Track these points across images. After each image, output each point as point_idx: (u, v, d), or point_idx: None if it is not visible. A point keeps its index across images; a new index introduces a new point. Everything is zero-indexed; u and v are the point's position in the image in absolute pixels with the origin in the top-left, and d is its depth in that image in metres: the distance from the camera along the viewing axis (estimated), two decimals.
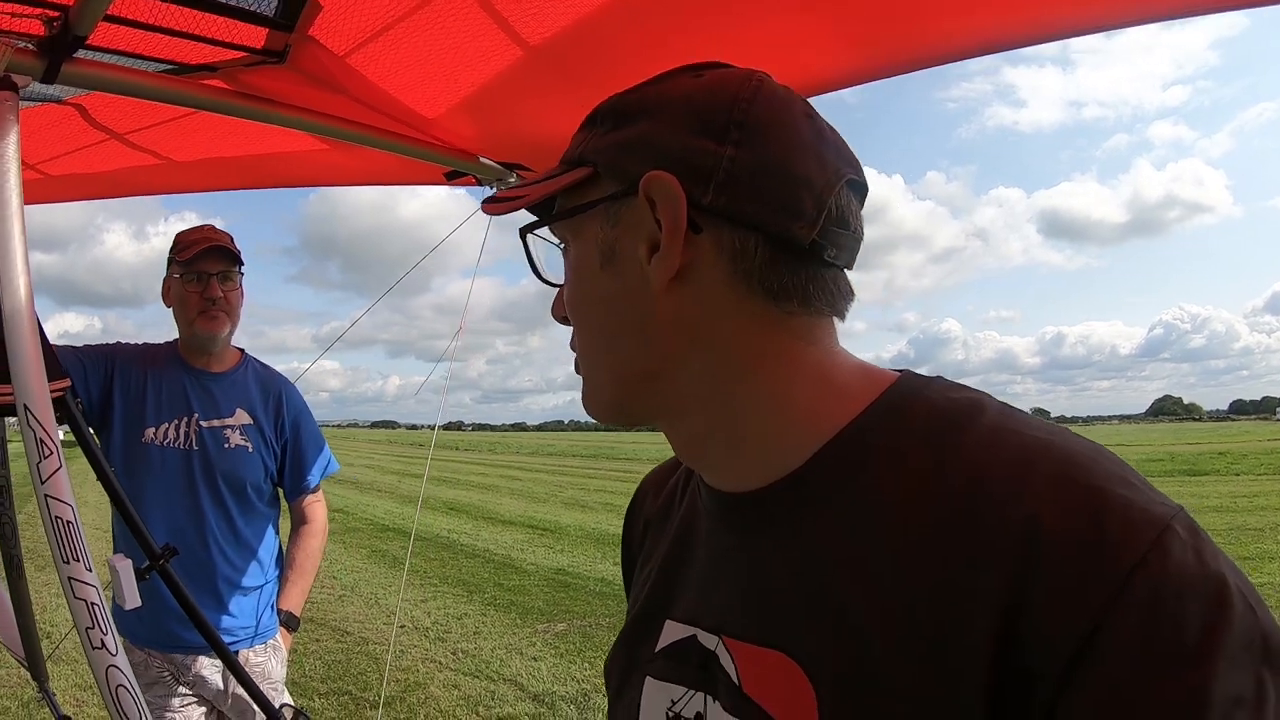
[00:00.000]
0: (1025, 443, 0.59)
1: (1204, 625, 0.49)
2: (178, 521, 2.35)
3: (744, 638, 0.68)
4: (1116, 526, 0.52)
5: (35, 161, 2.58)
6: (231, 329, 2.51)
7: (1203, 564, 0.51)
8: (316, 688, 5.37)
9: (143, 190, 3.02)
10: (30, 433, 1.34)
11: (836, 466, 0.66)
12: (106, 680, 1.36)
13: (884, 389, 0.68)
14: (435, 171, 2.49)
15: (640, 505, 0.95)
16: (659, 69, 1.47)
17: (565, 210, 0.74)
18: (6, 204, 1.36)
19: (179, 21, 1.57)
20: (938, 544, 0.57)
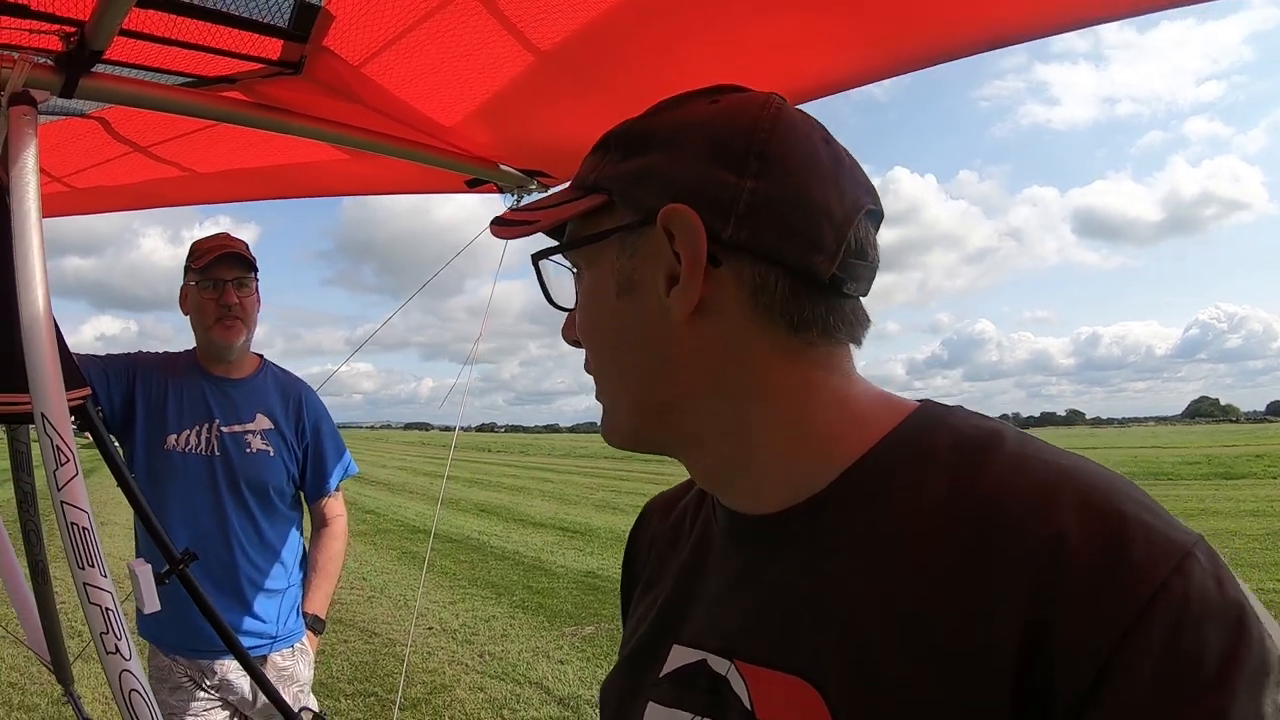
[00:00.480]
0: (1048, 469, 0.59)
1: (1224, 651, 0.50)
2: (202, 526, 2.38)
3: (759, 661, 0.67)
4: (1139, 551, 0.53)
5: (61, 174, 2.63)
6: (248, 336, 2.54)
7: (1222, 591, 0.52)
8: (343, 689, 5.41)
9: (167, 202, 3.07)
10: (47, 440, 1.36)
11: (856, 492, 0.66)
12: (120, 685, 1.38)
13: (904, 417, 0.69)
14: (456, 180, 2.51)
15: (646, 526, 0.95)
16: (669, 70, 1.47)
17: (580, 238, 0.74)
18: (26, 216, 1.38)
19: (194, 35, 1.59)
20: (957, 569, 0.58)
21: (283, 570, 2.55)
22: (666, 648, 0.76)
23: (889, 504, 0.64)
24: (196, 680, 2.41)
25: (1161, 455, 33.77)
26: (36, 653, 2.76)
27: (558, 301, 0.80)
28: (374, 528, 13.33)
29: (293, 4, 1.54)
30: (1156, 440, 62.39)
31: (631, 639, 0.83)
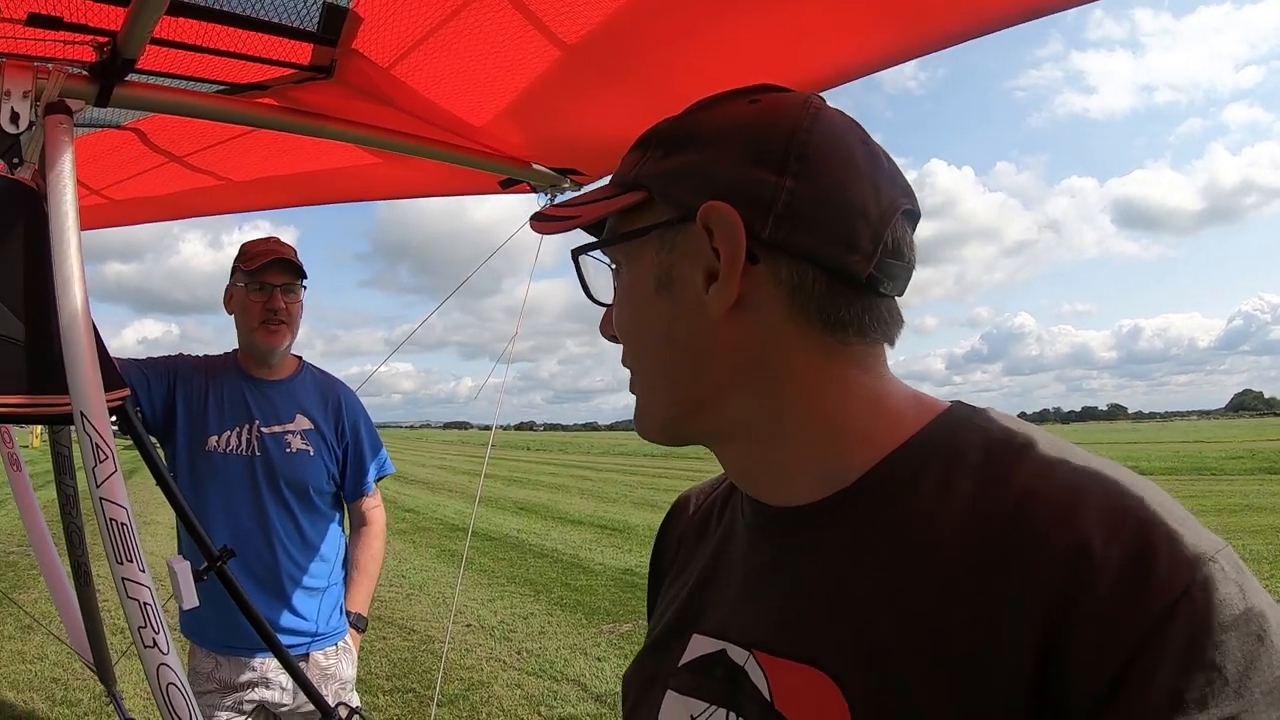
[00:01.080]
0: (1075, 474, 0.60)
1: (1244, 660, 0.50)
2: (243, 526, 2.43)
3: (778, 652, 0.67)
4: (1163, 559, 0.53)
5: (100, 187, 2.68)
6: (291, 340, 2.58)
7: (1245, 599, 0.53)
8: (381, 685, 5.47)
9: (204, 211, 3.12)
10: (86, 438, 1.39)
11: (884, 487, 0.67)
12: (158, 678, 1.40)
13: (934, 416, 0.70)
14: (490, 180, 2.52)
15: (676, 520, 0.96)
16: (694, 61, 1.46)
17: (620, 234, 0.75)
18: (64, 221, 1.42)
19: (225, 41, 1.62)
20: (982, 568, 0.58)
21: (324, 568, 2.58)
22: (687, 637, 0.77)
23: (915, 502, 0.64)
24: (231, 685, 2.45)
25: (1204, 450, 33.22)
26: (79, 653, 2.82)
27: (597, 297, 0.81)
28: (413, 526, 13.44)
29: (321, 7, 1.56)
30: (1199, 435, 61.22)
31: (655, 629, 0.84)
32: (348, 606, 2.65)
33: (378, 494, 2.80)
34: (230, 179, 2.65)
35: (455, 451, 48.69)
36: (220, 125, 2.13)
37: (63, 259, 1.41)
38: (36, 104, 1.42)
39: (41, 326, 1.41)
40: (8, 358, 1.38)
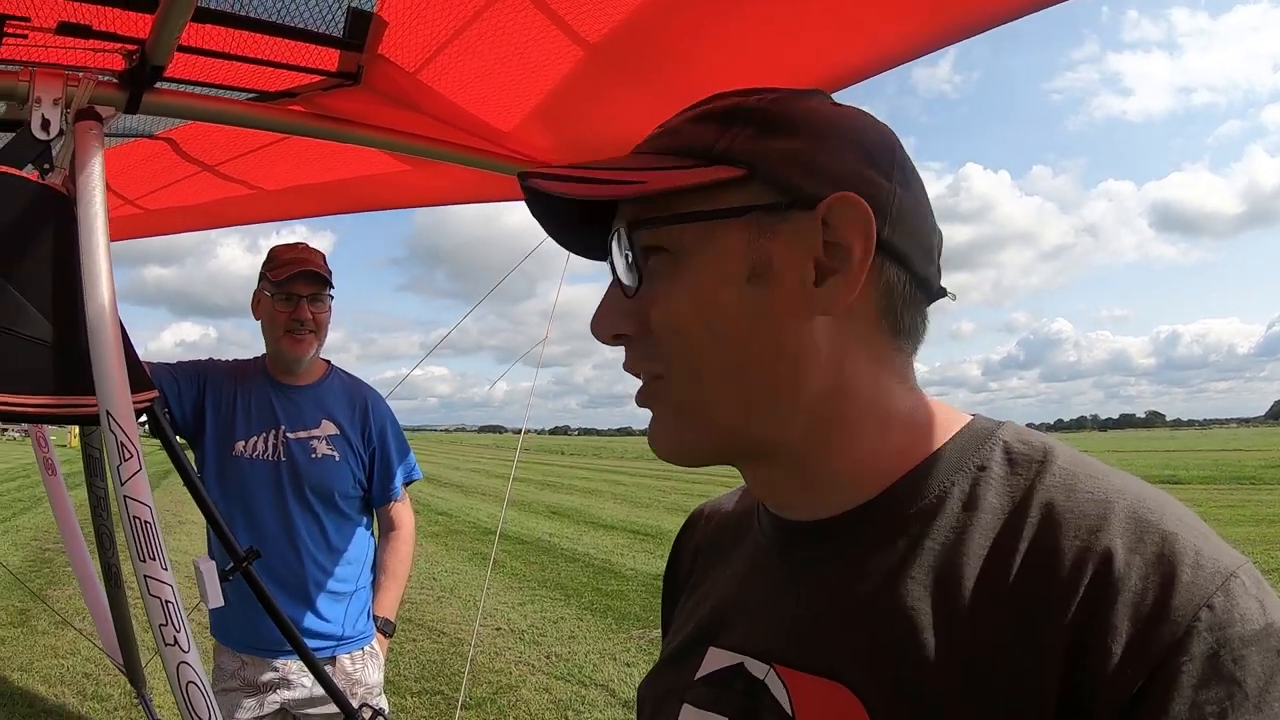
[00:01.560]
0: (1101, 486, 0.61)
1: (1265, 672, 0.51)
2: (268, 530, 2.46)
3: (799, 666, 0.67)
4: (1186, 572, 0.54)
5: (134, 196, 2.73)
6: (318, 349, 2.60)
7: (1265, 614, 0.53)
8: (410, 687, 5.51)
9: (237, 220, 3.17)
10: (111, 436, 1.41)
11: (909, 499, 0.67)
12: (177, 676, 1.43)
13: (957, 429, 0.70)
14: (517, 186, 2.53)
15: (691, 534, 0.95)
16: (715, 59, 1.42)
17: (697, 212, 0.67)
18: (93, 222, 1.44)
19: (252, 49, 1.65)
20: (1009, 581, 0.59)
21: (350, 572, 2.60)
22: (704, 651, 0.76)
23: (940, 515, 0.65)
24: (254, 685, 2.48)
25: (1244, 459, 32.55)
26: (109, 655, 2.86)
27: (626, 282, 0.71)
28: (446, 529, 13.51)
29: (346, 12, 1.58)
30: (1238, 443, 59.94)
31: (672, 643, 0.84)
32: (375, 611, 2.67)
33: (407, 499, 2.81)
34: (262, 188, 2.68)
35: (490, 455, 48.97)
36: (251, 134, 2.17)
37: (91, 261, 1.43)
38: (67, 111, 1.45)
39: (69, 328, 1.44)
40: (35, 359, 1.41)
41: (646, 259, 0.70)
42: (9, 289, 1.39)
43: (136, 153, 2.31)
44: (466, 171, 2.37)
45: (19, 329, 1.39)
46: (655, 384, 0.71)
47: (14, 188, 1.43)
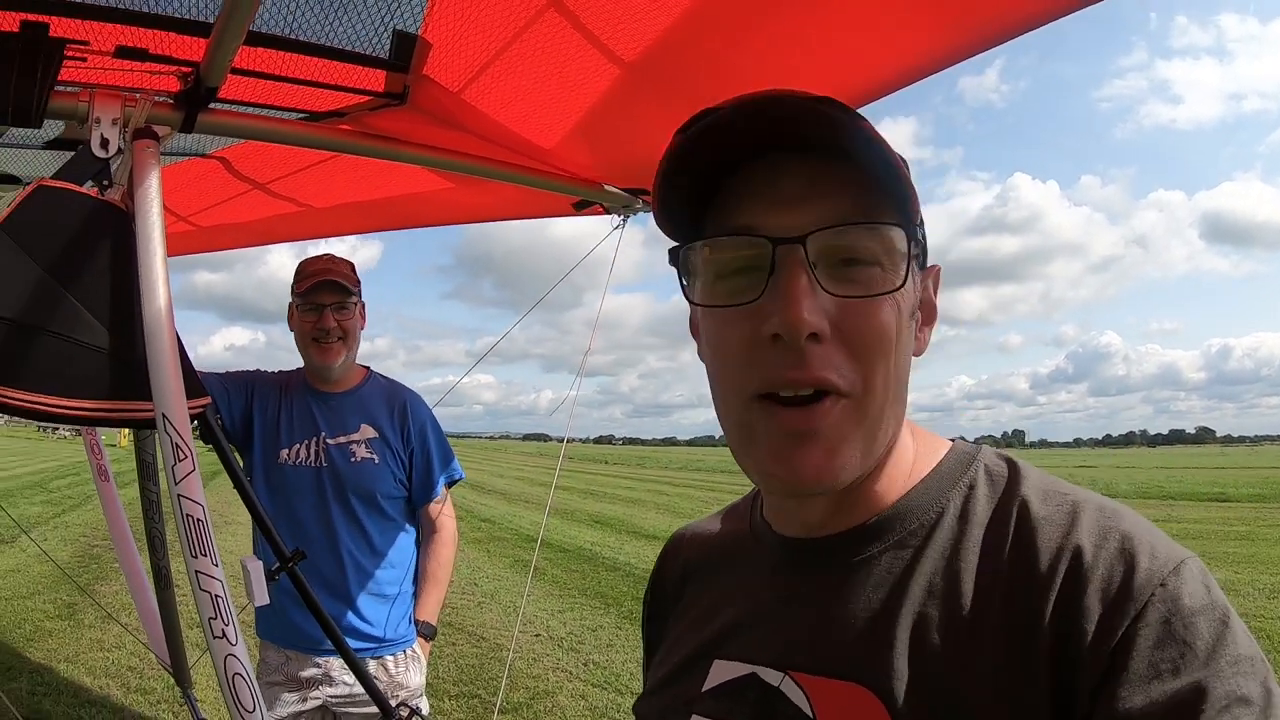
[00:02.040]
0: (1070, 498, 0.70)
1: (1212, 637, 0.59)
2: (312, 534, 2.53)
3: (818, 671, 0.71)
4: (1144, 559, 0.63)
5: (188, 214, 2.82)
6: (348, 355, 2.66)
7: (1210, 594, 0.62)
8: (448, 690, 5.58)
9: (286, 237, 3.26)
10: (167, 438, 1.48)
11: (914, 515, 0.74)
12: (224, 668, 1.48)
13: (947, 450, 0.79)
14: (563, 202, 2.56)
15: (675, 555, 0.97)
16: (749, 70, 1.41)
17: (910, 229, 0.70)
18: (151, 235, 1.51)
19: (302, 70, 1.71)
20: (1006, 581, 0.66)
21: (393, 576, 2.66)
22: (708, 664, 0.79)
23: (940, 528, 0.72)
24: (297, 680, 2.56)
25: None
26: (157, 655, 2.92)
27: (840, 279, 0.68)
28: (488, 535, 13.58)
29: (391, 34, 1.64)
30: None
31: (667, 661, 0.86)
32: (416, 615, 2.72)
33: (448, 499, 2.85)
34: (311, 205, 2.76)
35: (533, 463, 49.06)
36: (300, 153, 2.24)
37: (149, 271, 1.50)
38: (125, 130, 1.53)
39: (126, 336, 1.50)
40: (92, 365, 1.48)
41: (857, 261, 0.68)
42: (68, 298, 1.47)
43: (190, 171, 2.40)
44: (510, 188, 2.42)
45: (77, 336, 1.46)
46: (835, 403, 0.67)
47: (74, 203, 1.51)
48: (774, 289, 0.66)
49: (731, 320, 0.70)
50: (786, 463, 0.68)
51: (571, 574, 10.18)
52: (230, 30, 1.39)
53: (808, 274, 0.66)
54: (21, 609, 7.39)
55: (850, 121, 0.65)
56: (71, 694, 5.27)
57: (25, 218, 1.46)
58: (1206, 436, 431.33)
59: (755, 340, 0.67)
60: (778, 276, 0.66)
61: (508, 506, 19.08)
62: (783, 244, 0.66)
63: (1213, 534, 13.65)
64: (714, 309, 0.72)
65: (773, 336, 0.66)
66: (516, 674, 5.91)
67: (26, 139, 2.15)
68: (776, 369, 0.66)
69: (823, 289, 0.66)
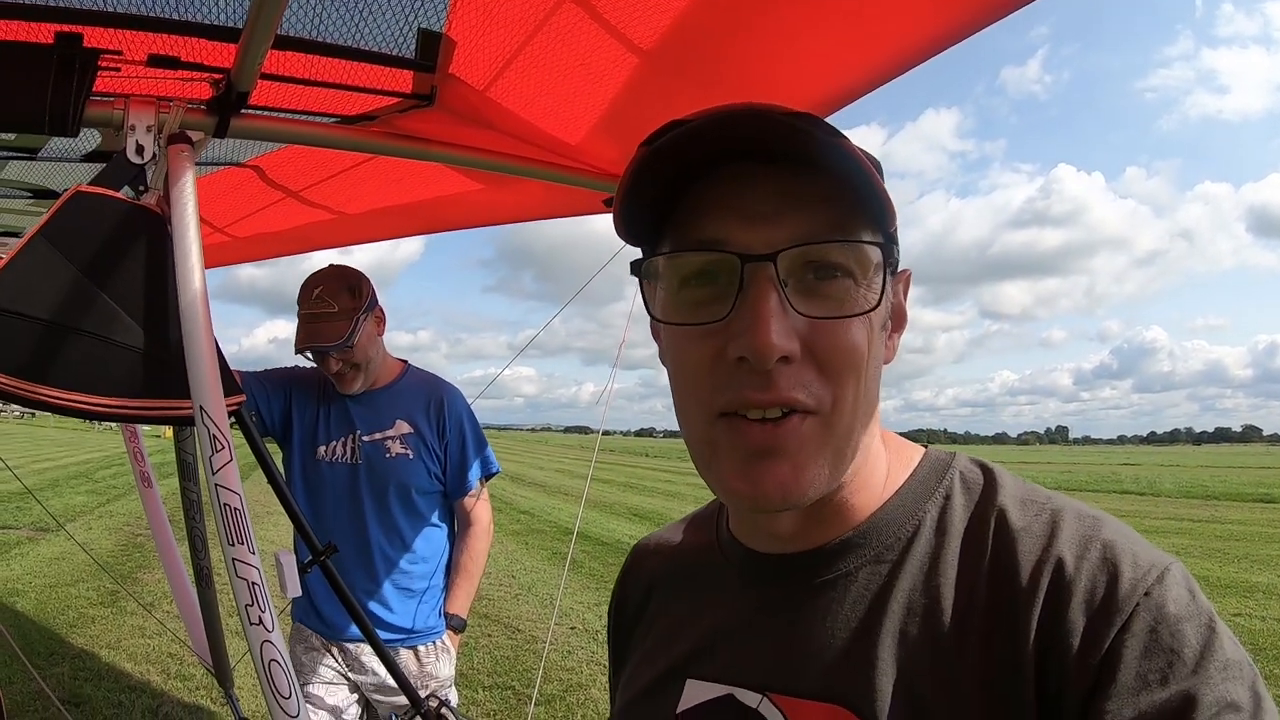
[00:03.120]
0: (1049, 506, 0.69)
1: (1200, 644, 0.59)
2: (348, 528, 2.60)
3: (796, 693, 0.69)
4: (1127, 569, 0.62)
5: (223, 224, 2.87)
6: (366, 376, 2.68)
7: (1195, 600, 0.62)
8: (482, 681, 5.65)
9: (321, 245, 3.30)
10: (204, 429, 1.51)
11: (889, 529, 0.73)
12: (260, 654, 1.52)
13: (919, 460, 0.78)
14: (594, 199, 2.56)
15: (639, 568, 0.95)
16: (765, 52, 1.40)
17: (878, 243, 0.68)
18: (187, 236, 1.55)
19: (331, 74, 1.74)
20: (987, 596, 0.66)
21: (424, 570, 2.71)
22: (680, 685, 0.78)
23: (917, 541, 0.71)
24: (332, 655, 2.64)
25: None
26: (199, 655, 2.97)
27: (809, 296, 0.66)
28: (527, 528, 13.68)
29: (416, 33, 1.66)
30: None
31: (636, 679, 0.85)
32: (446, 608, 2.76)
33: (484, 493, 2.88)
34: (344, 212, 2.80)
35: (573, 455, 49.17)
36: (332, 160, 2.27)
37: (185, 271, 1.54)
38: (159, 136, 1.57)
39: (161, 336, 1.55)
40: (129, 364, 1.52)
41: (829, 275, 0.66)
42: (106, 300, 1.51)
43: (225, 181, 2.44)
44: (540, 188, 2.42)
45: (115, 337, 1.51)
46: (803, 420, 0.65)
47: (111, 208, 1.55)
48: (742, 308, 0.64)
49: (696, 338, 0.67)
50: (751, 480, 0.65)
51: (609, 567, 10.17)
52: (258, 34, 1.42)
53: (778, 293, 0.63)
54: (65, 596, 7.62)
55: (823, 134, 0.63)
56: (112, 679, 5.43)
57: (63, 223, 1.51)
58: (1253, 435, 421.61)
59: (721, 360, 0.65)
60: (746, 294, 0.64)
61: (547, 499, 19.18)
62: (752, 261, 0.64)
63: (1257, 535, 13.40)
64: (679, 326, 0.69)
65: (739, 358, 0.64)
66: (551, 666, 5.96)
67: (66, 152, 2.20)
68: (743, 390, 0.64)
69: (794, 309, 0.64)
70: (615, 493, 21.14)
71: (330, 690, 2.62)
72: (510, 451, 51.05)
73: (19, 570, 8.59)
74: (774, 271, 0.63)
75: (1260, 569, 10.21)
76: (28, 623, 6.67)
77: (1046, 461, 65.92)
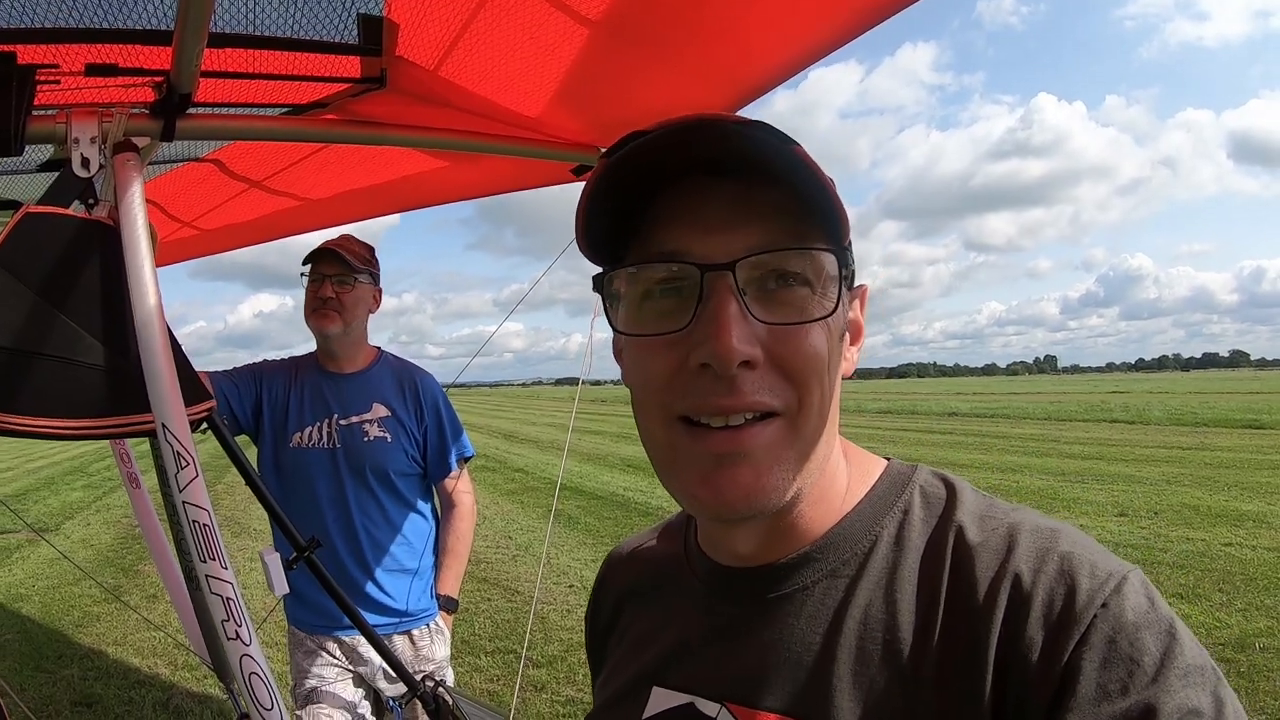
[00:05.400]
0: (1006, 521, 0.69)
1: (1159, 652, 0.59)
2: (329, 514, 2.60)
3: (753, 704, 0.70)
4: (1084, 580, 0.62)
5: (190, 219, 2.83)
6: (346, 327, 2.68)
7: (1155, 608, 0.61)
8: (484, 646, 5.70)
9: (290, 230, 3.27)
10: (168, 447, 1.51)
11: (847, 544, 0.73)
12: (240, 667, 1.53)
13: (880, 473, 0.78)
14: (561, 169, 2.54)
15: (613, 579, 0.96)
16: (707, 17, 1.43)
17: (839, 253, 0.69)
18: (137, 247, 1.52)
19: (275, 65, 1.70)
20: (945, 612, 0.66)
21: (410, 551, 2.73)
22: (646, 692, 0.79)
23: (874, 557, 0.72)
24: (330, 651, 2.65)
25: None
26: (198, 654, 2.98)
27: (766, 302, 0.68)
28: (522, 486, 13.71)
29: (356, 18, 1.62)
30: None
31: (609, 685, 0.87)
32: (437, 589, 2.79)
33: (466, 474, 2.91)
34: (309, 198, 2.76)
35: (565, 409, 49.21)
36: (292, 147, 2.23)
37: (138, 283, 1.51)
38: (104, 146, 1.53)
39: (121, 351, 1.52)
40: (92, 383, 1.50)
41: (787, 283, 0.67)
42: (65, 320, 1.49)
43: (187, 176, 2.40)
44: (506, 161, 2.39)
45: (75, 356, 1.49)
46: (767, 425, 0.66)
47: (62, 226, 1.52)
48: (703, 317, 0.65)
49: (659, 348, 0.68)
50: (713, 486, 0.66)
51: (605, 521, 10.23)
52: (189, 34, 1.38)
53: (738, 301, 0.64)
54: (69, 595, 7.64)
55: (780, 144, 0.64)
56: (121, 676, 5.47)
57: (15, 246, 1.48)
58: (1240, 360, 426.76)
59: (684, 369, 0.66)
60: (706, 304, 0.65)
61: (540, 455, 19.27)
62: (711, 270, 0.65)
63: (1246, 463, 13.52)
64: (640, 337, 0.70)
65: (701, 365, 0.64)
66: (551, 627, 6.03)
67: (20, 165, 2.16)
68: (705, 397, 0.65)
69: (754, 317, 0.65)
70: (608, 444, 21.18)
71: (340, 688, 2.64)
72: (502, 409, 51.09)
73: (21, 575, 8.58)
74: (733, 280, 0.64)
75: (1250, 496, 10.31)
76: (34, 626, 6.70)
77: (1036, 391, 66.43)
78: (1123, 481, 11.97)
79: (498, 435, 26.64)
